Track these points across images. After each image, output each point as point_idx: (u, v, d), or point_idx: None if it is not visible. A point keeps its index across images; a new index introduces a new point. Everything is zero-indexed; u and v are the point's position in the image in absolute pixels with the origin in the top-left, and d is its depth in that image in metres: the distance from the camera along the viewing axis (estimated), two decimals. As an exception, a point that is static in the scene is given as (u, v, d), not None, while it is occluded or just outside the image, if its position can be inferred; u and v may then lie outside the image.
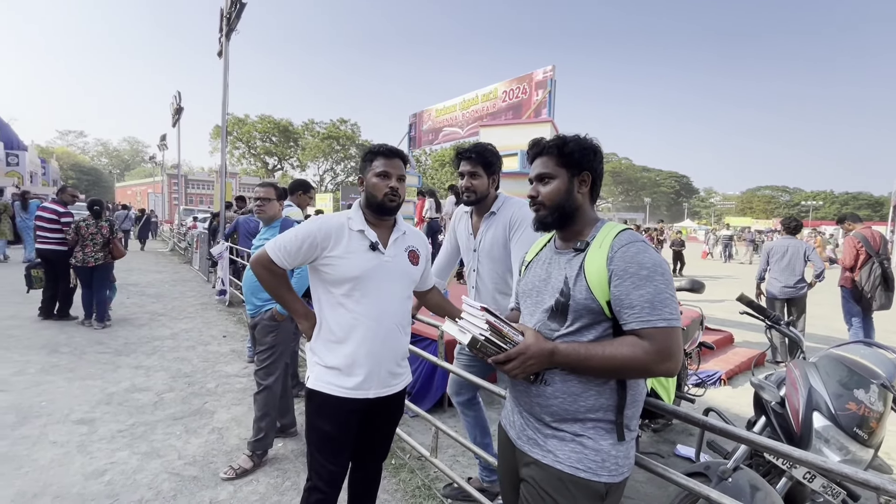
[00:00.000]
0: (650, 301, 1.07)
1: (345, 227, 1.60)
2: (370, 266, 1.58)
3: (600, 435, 1.15)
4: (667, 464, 3.04)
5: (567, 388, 1.17)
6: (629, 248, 1.13)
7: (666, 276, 1.11)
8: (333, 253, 1.56)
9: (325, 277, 1.60)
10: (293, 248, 1.56)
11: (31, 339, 4.85)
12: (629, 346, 1.08)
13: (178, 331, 5.61)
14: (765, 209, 72.31)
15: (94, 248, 5.43)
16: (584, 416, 1.15)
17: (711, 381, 4.35)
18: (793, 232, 5.40)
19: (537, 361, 1.13)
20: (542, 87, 5.55)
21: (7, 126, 26.18)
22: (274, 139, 49.05)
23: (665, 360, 1.06)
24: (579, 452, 1.14)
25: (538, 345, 1.13)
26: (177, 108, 16.71)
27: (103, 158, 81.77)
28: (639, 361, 1.06)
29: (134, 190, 47.24)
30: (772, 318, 2.06)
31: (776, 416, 1.66)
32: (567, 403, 1.17)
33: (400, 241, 1.69)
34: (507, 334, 1.13)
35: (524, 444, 1.25)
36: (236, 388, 3.87)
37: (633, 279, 1.09)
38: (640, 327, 1.07)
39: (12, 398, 3.39)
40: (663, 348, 1.06)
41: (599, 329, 1.16)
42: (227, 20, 7.81)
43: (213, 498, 2.36)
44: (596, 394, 1.15)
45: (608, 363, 1.09)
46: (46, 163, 32.11)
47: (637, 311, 1.08)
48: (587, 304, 1.14)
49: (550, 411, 1.19)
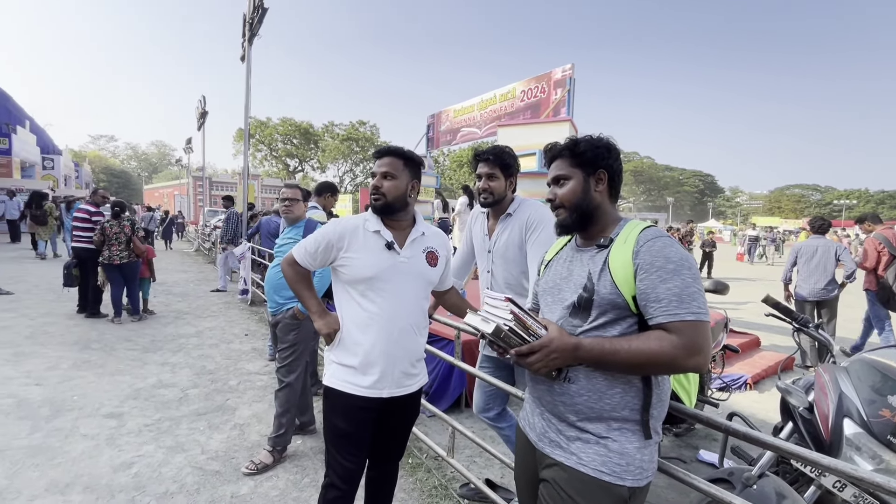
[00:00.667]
0: (678, 294, 1.05)
1: (360, 228, 1.64)
2: (385, 266, 1.60)
3: (625, 437, 1.13)
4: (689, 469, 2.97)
5: (592, 384, 1.15)
6: (655, 243, 1.12)
7: (693, 271, 1.09)
8: (349, 253, 1.60)
9: (342, 277, 1.64)
10: (312, 249, 1.64)
11: (65, 335, 5.05)
12: (656, 340, 1.05)
13: (202, 329, 5.76)
14: (794, 209, 69.94)
15: (118, 248, 5.69)
16: (610, 414, 1.14)
17: (736, 385, 4.23)
18: (821, 231, 5.28)
19: (561, 356, 1.11)
20: (561, 86, 5.49)
21: (43, 131, 27.35)
22: (295, 141, 49.93)
23: (693, 354, 1.03)
24: (603, 455, 1.12)
25: (562, 339, 1.11)
26: (202, 112, 17.13)
27: (133, 162, 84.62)
28: (666, 356, 1.04)
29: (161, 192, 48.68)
30: (799, 321, 1.98)
31: (804, 423, 1.60)
32: (592, 401, 1.15)
33: (418, 242, 1.70)
34: (530, 326, 1.11)
35: (545, 447, 1.23)
36: (257, 385, 3.95)
37: (660, 272, 1.07)
38: (668, 321, 1.05)
39: (47, 392, 3.54)
40: (692, 342, 1.03)
41: (624, 325, 1.14)
42: (250, 25, 7.98)
43: (234, 492, 2.42)
44: (622, 391, 1.13)
45: (635, 358, 1.06)
46: (79, 166, 33.46)
47: (664, 305, 1.06)
48: (612, 298, 1.13)
49: (575, 409, 1.17)
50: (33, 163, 23.10)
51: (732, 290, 3.33)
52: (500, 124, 5.62)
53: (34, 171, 23.10)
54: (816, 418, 1.54)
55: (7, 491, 2.31)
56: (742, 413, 3.87)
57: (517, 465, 1.45)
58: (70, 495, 2.31)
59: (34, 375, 3.85)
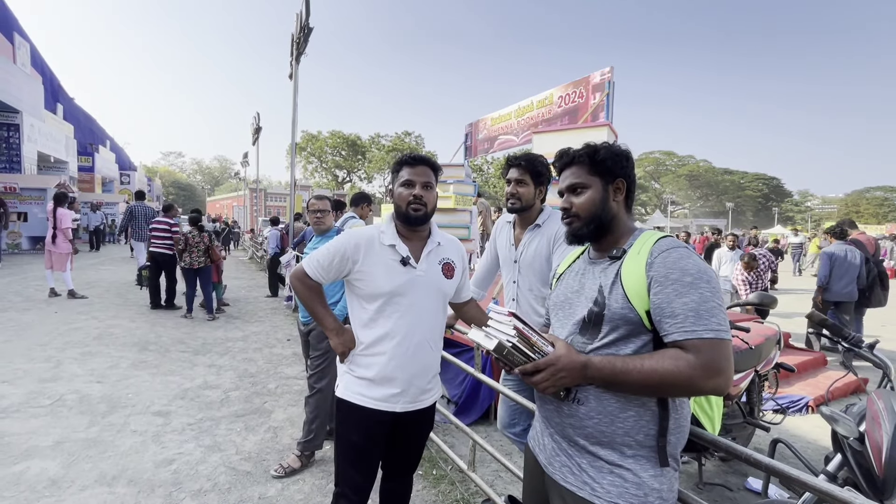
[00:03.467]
0: (695, 310, 0.97)
1: (375, 239, 1.59)
2: (401, 282, 1.56)
3: (640, 465, 1.05)
4: (735, 499, 2.72)
5: (603, 406, 1.08)
6: (671, 254, 1.04)
7: (712, 284, 1.01)
8: (364, 267, 1.56)
9: (357, 292, 1.60)
10: (325, 261, 1.58)
11: (126, 337, 5.48)
12: (672, 359, 0.97)
13: (248, 333, 6.05)
14: (875, 213, 63.49)
15: (197, 254, 6.66)
16: (623, 439, 1.06)
17: (796, 407, 3.87)
18: (842, 238, 5.66)
19: (569, 374, 1.04)
20: (600, 90, 5.32)
21: (121, 150, 30.17)
22: (343, 153, 51.77)
23: (713, 375, 0.95)
24: (619, 486, 1.05)
25: (570, 356, 1.05)
26: (256, 128, 18.22)
27: (198, 175, 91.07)
28: (683, 377, 0.96)
29: (222, 203, 52.08)
30: (850, 340, 1.78)
31: (854, 455, 1.42)
32: (603, 425, 1.08)
33: (434, 254, 1.65)
34: (535, 343, 1.06)
35: (556, 472, 1.16)
36: (294, 389, 4.08)
37: (676, 286, 1.00)
38: (685, 338, 0.97)
39: (106, 389, 3.84)
40: (710, 362, 0.95)
41: (638, 342, 1.06)
42: (297, 44, 8.40)
43: (262, 493, 2.50)
44: (636, 415, 1.06)
45: (648, 378, 0.98)
46: (152, 181, 36.48)
47: (680, 321, 0.98)
48: (624, 313, 1.06)
49: (585, 433, 1.10)
50: (112, 178, 25.53)
51: (790, 303, 3.05)
52: (536, 131, 5.53)
53: (113, 185, 25.51)
54: (868, 451, 1.37)
55: (63, 480, 2.52)
56: (801, 438, 3.55)
57: (525, 488, 1.39)
58: (116, 487, 2.48)
59: (97, 373, 4.19)
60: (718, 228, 12.80)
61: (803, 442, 3.43)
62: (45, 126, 15.94)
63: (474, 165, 42.54)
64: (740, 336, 2.64)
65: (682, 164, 73.67)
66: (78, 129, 21.01)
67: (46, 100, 16.87)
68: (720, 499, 2.65)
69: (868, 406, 1.48)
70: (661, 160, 74.61)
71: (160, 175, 58.09)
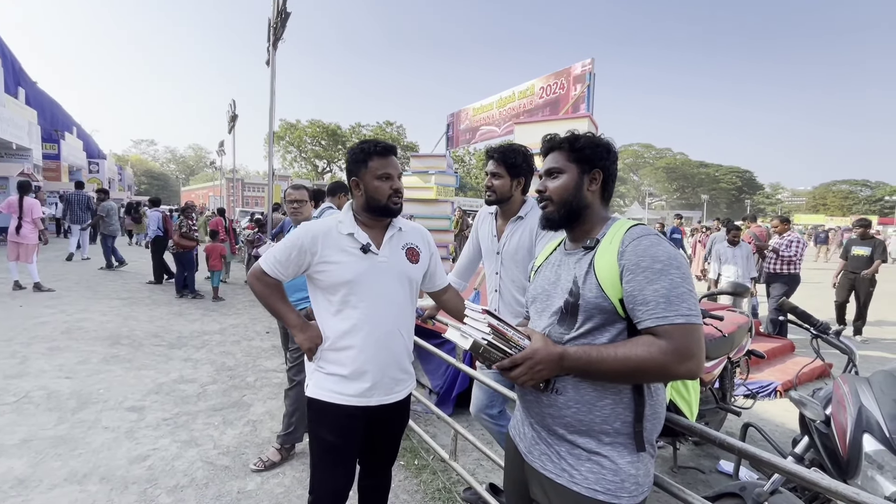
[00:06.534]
0: (665, 296, 0.99)
1: (333, 230, 1.55)
2: (363, 269, 1.52)
3: (618, 452, 1.08)
4: (707, 481, 2.81)
5: (581, 395, 1.10)
6: (641, 241, 1.06)
7: (682, 270, 1.03)
8: (323, 258, 1.52)
9: (319, 285, 1.56)
10: (283, 257, 1.53)
11: (97, 331, 5.30)
12: (644, 345, 1.00)
13: (226, 326, 5.93)
14: (841, 205, 66.04)
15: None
16: (601, 427, 1.08)
17: (765, 392, 4.02)
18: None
19: (546, 367, 1.06)
20: (581, 82, 5.34)
21: (89, 137, 28.93)
22: (323, 143, 50.88)
23: (685, 359, 0.98)
24: (597, 473, 1.07)
25: (546, 349, 1.07)
26: (232, 116, 17.73)
27: (171, 164, 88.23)
28: (656, 362, 0.98)
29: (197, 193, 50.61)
30: (819, 327, 1.84)
31: (820, 437, 1.48)
32: (581, 413, 1.10)
33: (396, 239, 1.62)
34: (511, 338, 1.08)
35: (535, 460, 1.18)
36: (273, 382, 4.02)
37: (647, 273, 1.02)
38: (656, 324, 1.00)
39: (76, 385, 3.71)
40: (682, 347, 0.97)
41: (613, 331, 1.09)
42: (274, 30, 8.17)
43: (241, 488, 2.46)
44: (612, 402, 1.08)
45: (622, 365, 1.01)
46: (122, 170, 35.19)
47: (652, 308, 1.00)
48: (598, 302, 1.08)
49: (564, 423, 1.12)
50: (80, 167, 24.48)
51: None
52: (517, 122, 5.53)
53: (81, 174, 24.47)
54: (833, 433, 1.42)
55: (30, 479, 2.43)
56: (770, 421, 3.69)
57: (506, 476, 1.40)
58: (87, 485, 2.41)
59: (66, 369, 4.05)
60: (679, 214, 13.13)
61: (772, 425, 3.56)
62: (5, 111, 15.09)
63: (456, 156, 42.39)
64: (714, 325, 2.72)
65: (659, 157, 75.06)
66: (42, 115, 20.02)
67: (7, 83, 16.00)
68: (693, 481, 2.74)
69: (834, 390, 1.54)
70: (639, 153, 75.86)
71: (131, 164, 55.98)
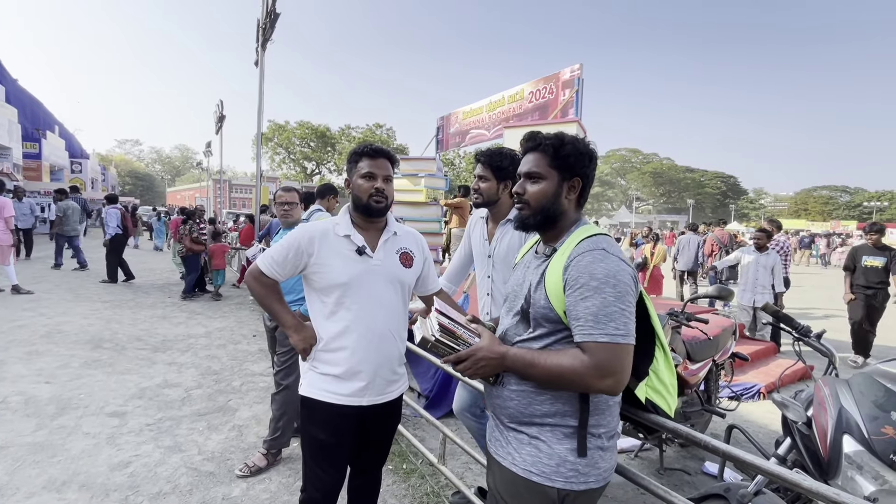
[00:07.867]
0: (595, 314, 1.04)
1: (330, 231, 1.58)
2: (358, 271, 1.55)
3: (557, 438, 1.12)
4: (693, 482, 2.84)
5: (522, 388, 1.17)
6: (584, 257, 1.09)
7: (618, 289, 1.05)
8: (320, 259, 1.54)
9: (315, 286, 1.58)
10: (280, 257, 1.55)
11: (78, 334, 5.18)
12: (571, 357, 1.06)
13: (212, 329, 5.84)
14: (821, 210, 67.55)
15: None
16: (542, 420, 1.14)
17: (749, 394, 4.08)
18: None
19: (488, 364, 1.13)
20: (569, 87, 5.41)
21: (72, 136, 28.39)
22: (312, 144, 50.54)
23: (605, 376, 1.03)
24: (534, 456, 1.13)
25: (490, 347, 1.14)
26: (219, 117, 17.52)
27: (157, 165, 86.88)
28: (577, 374, 1.04)
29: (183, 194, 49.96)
30: (800, 330, 1.88)
31: (802, 438, 1.51)
32: (522, 406, 1.16)
33: (390, 243, 1.65)
34: (460, 336, 1.17)
35: (491, 445, 1.26)
36: (260, 386, 3.97)
37: (582, 290, 1.06)
38: (582, 340, 1.05)
39: (55, 390, 3.62)
40: (602, 363, 1.02)
41: (560, 338, 1.14)
42: (263, 30, 8.09)
43: (226, 494, 2.42)
44: (552, 398, 1.13)
45: (550, 372, 1.08)
46: (106, 170, 34.59)
47: (581, 324, 1.06)
48: (545, 312, 1.14)
49: (508, 413, 1.19)
50: (62, 166, 23.97)
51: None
52: (507, 126, 5.57)
53: (63, 174, 23.96)
54: (815, 434, 1.45)
55: (6, 488, 2.36)
56: (754, 423, 3.75)
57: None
58: (66, 493, 2.35)
59: (45, 373, 3.95)
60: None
61: (756, 426, 3.62)
62: (-16, 109, 14.79)
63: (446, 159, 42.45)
64: (700, 328, 2.76)
65: (646, 162, 75.97)
66: (22, 113, 19.61)
67: (-14, 81, 15.65)
68: (679, 483, 2.77)
69: (815, 392, 1.57)
70: (627, 157, 76.70)
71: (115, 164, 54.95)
